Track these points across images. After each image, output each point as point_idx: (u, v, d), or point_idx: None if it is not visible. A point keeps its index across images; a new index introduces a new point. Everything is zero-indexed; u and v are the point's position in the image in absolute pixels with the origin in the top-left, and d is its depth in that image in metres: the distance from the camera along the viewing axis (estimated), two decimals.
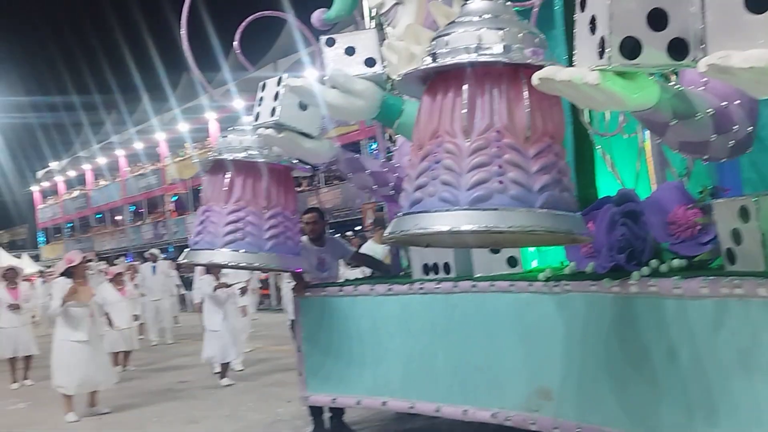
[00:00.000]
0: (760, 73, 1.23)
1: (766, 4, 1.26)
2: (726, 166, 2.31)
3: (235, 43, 3.54)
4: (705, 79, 1.91)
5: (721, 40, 1.30)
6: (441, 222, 1.85)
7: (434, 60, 1.93)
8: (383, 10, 3.25)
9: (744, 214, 1.88)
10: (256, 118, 2.85)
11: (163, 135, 23.30)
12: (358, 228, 14.23)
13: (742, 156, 2.10)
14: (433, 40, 1.97)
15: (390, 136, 3.77)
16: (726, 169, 2.37)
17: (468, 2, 1.99)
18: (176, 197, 24.19)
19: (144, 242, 24.35)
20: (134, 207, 27.03)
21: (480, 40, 1.87)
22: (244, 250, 3.13)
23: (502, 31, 1.87)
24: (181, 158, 22.07)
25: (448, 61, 1.89)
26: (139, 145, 24.88)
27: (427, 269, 3.05)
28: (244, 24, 3.47)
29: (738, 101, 1.94)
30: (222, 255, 3.14)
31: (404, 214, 1.93)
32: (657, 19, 1.42)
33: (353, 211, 15.58)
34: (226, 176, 3.18)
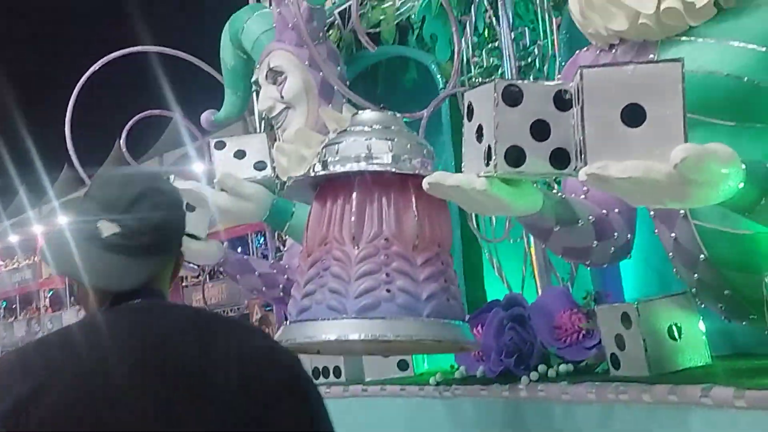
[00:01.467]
0: (637, 182, 1.28)
1: (641, 118, 1.33)
2: (607, 270, 2.38)
3: (121, 141, 3.48)
4: (585, 188, 1.97)
5: (600, 151, 1.35)
6: (328, 331, 1.82)
7: (324, 167, 1.93)
8: (273, 114, 3.27)
9: (626, 319, 1.93)
10: None
11: (41, 228, 22.52)
12: None
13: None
14: (324, 147, 1.97)
15: (280, 236, 3.74)
16: (607, 274, 2.44)
17: (358, 112, 2.02)
18: (52, 292, 23.28)
19: (16, 340, 23.19)
20: (6, 303, 25.84)
21: (370, 150, 1.89)
22: None
23: (391, 142, 1.90)
24: None
25: (338, 168, 1.90)
26: (14, 238, 23.95)
27: (317, 372, 2.99)
28: (130, 123, 3.41)
29: (617, 209, 2.01)
30: None
31: (292, 323, 1.89)
32: (539, 130, 1.46)
33: (239, 308, 15.31)
34: None
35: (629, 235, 2.05)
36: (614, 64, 1.40)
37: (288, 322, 1.91)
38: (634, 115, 1.33)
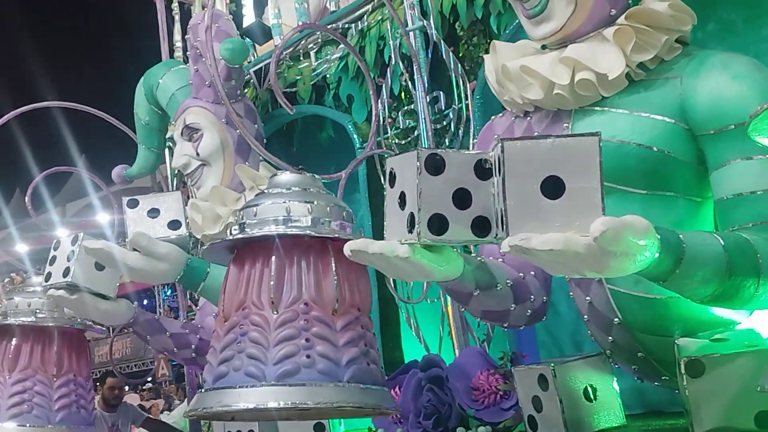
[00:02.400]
0: (557, 254, 1.30)
1: (560, 190, 1.35)
2: (523, 330, 2.40)
3: (27, 199, 3.36)
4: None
5: (521, 222, 1.37)
6: (246, 399, 1.77)
7: (242, 230, 1.90)
8: (188, 170, 3.22)
9: (543, 381, 1.94)
10: (47, 279, 2.67)
11: None
12: (149, 379, 13.55)
13: None
14: (242, 209, 1.95)
15: (191, 295, 3.66)
16: (522, 333, 2.46)
17: (276, 174, 2.00)
18: None
19: None
20: None
21: (288, 212, 1.87)
22: (30, 424, 2.85)
23: (310, 204, 1.89)
24: None
25: (256, 232, 1.87)
26: None
27: None
28: (35, 180, 3.31)
29: (533, 272, 2.05)
30: (4, 431, 2.84)
31: (207, 390, 1.84)
32: (461, 198, 1.47)
33: (144, 362, 14.86)
34: (11, 342, 2.92)
35: (545, 298, 2.09)
36: (534, 137, 1.43)
37: (203, 389, 1.85)
38: (553, 187, 1.35)
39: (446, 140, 2.83)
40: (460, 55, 2.87)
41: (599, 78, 1.89)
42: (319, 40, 3.36)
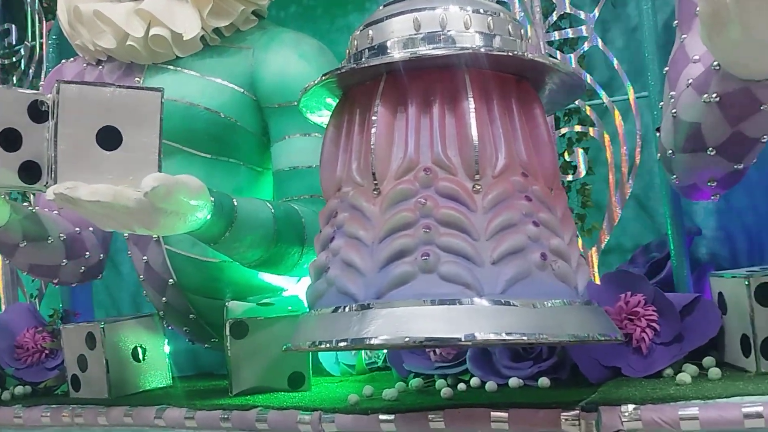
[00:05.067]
0: (106, 207, 1.28)
1: (117, 141, 1.32)
2: (78, 288, 2.31)
3: None
4: None
5: (72, 170, 1.31)
6: None
7: None
8: None
9: (91, 339, 1.89)
10: None
11: None
12: None
13: None
14: None
15: None
16: (79, 291, 2.37)
17: None
18: None
19: None
20: None
21: None
22: None
23: None
24: None
25: None
26: None
27: None
28: None
29: (91, 228, 1.98)
30: None
31: None
32: (10, 140, 1.38)
33: None
34: None
35: (102, 255, 2.04)
36: (95, 83, 1.37)
37: None
38: (110, 138, 1.33)
39: (14, 78, 2.62)
40: None
41: (174, 36, 1.87)
42: None
